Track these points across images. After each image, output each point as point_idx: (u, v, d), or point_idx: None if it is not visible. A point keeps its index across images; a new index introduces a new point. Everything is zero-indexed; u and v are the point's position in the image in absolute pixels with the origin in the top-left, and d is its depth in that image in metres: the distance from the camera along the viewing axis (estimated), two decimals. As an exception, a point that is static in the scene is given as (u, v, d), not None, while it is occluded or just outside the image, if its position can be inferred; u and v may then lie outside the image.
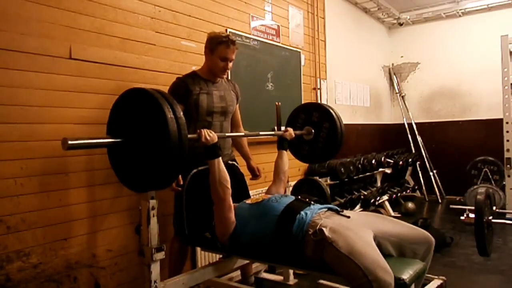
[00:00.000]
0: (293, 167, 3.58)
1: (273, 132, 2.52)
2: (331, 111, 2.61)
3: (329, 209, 1.92)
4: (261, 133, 2.49)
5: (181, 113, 1.62)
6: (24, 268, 1.92)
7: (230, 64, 2.31)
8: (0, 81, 1.86)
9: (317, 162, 3.78)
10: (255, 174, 2.62)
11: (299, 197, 2.08)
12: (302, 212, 1.82)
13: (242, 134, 2.52)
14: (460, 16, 5.86)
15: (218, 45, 2.24)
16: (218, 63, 2.26)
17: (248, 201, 2.06)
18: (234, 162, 2.47)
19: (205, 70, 2.34)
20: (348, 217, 1.83)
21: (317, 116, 2.63)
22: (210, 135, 1.89)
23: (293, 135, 2.47)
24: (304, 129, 2.66)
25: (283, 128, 2.67)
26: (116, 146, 1.69)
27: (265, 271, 2.83)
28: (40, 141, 2.00)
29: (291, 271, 2.69)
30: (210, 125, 2.28)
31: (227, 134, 2.32)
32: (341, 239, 1.63)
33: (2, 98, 1.86)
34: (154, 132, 1.58)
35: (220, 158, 1.94)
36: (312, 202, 1.96)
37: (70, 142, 1.49)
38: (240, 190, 2.33)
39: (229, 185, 1.93)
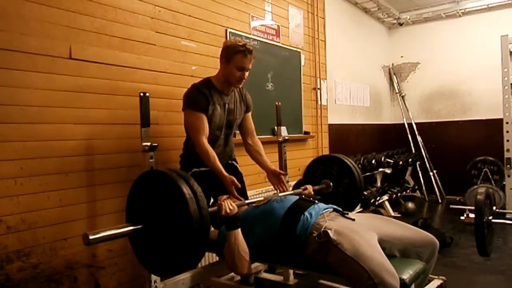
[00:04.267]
0: (293, 167, 3.58)
1: (291, 192, 2.23)
2: (352, 166, 2.54)
3: (334, 209, 1.91)
4: (280, 194, 2.11)
5: (200, 189, 1.56)
6: (24, 268, 1.92)
7: (247, 74, 2.21)
8: (0, 81, 1.86)
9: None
10: (280, 173, 2.37)
11: (303, 196, 2.07)
12: (307, 213, 1.81)
13: (261, 198, 2.04)
14: (460, 16, 5.85)
15: (235, 55, 2.15)
16: (235, 73, 2.17)
17: (254, 205, 2.04)
18: (233, 162, 2.47)
19: (220, 80, 2.25)
20: (353, 219, 1.82)
21: (336, 170, 2.57)
22: (230, 207, 1.79)
23: (312, 193, 2.34)
24: (323, 182, 2.58)
25: (284, 130, 2.65)
26: (137, 233, 1.64)
27: (265, 271, 2.83)
28: (40, 141, 2.00)
29: (291, 271, 2.69)
30: (217, 138, 2.28)
31: (246, 202, 2.00)
32: (346, 241, 1.62)
33: (2, 98, 1.86)
34: (174, 213, 1.53)
35: (240, 229, 1.80)
36: (316, 201, 1.95)
37: (91, 237, 1.44)
38: (239, 191, 2.32)
39: (248, 257, 1.79)
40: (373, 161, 4.75)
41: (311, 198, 2.00)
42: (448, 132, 6.00)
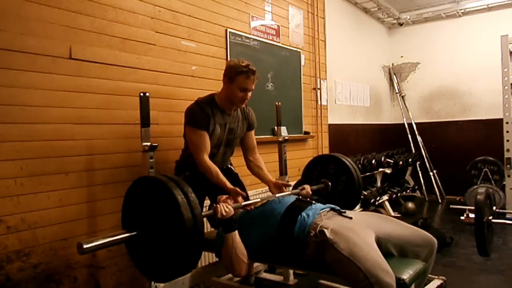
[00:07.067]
0: (293, 167, 3.57)
1: (289, 192, 2.23)
2: (348, 163, 2.53)
3: (331, 209, 1.91)
4: (277, 195, 2.12)
5: (193, 195, 1.56)
6: (24, 268, 1.92)
7: (249, 94, 2.19)
8: (0, 81, 1.86)
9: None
10: (282, 185, 2.35)
11: (300, 196, 2.07)
12: (304, 213, 1.81)
13: (258, 200, 2.05)
14: (460, 16, 5.85)
15: (237, 75, 2.13)
16: (237, 94, 2.15)
17: (251, 207, 2.04)
18: (228, 165, 2.47)
19: (223, 99, 2.23)
20: (350, 218, 1.83)
21: (333, 169, 2.56)
22: (226, 210, 1.76)
23: (310, 192, 2.33)
24: (321, 182, 2.56)
25: (284, 130, 2.65)
26: (133, 240, 1.64)
27: (265, 271, 2.83)
28: (40, 141, 2.00)
29: (291, 271, 2.69)
30: (215, 155, 2.27)
31: (242, 204, 1.96)
32: (342, 240, 1.63)
33: (2, 98, 1.86)
34: (168, 218, 1.53)
35: (237, 232, 1.80)
36: (314, 202, 1.95)
37: (85, 246, 1.43)
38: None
39: (246, 259, 1.79)
40: (373, 161, 4.75)
41: (308, 199, 1.99)
42: (448, 132, 6.00)
